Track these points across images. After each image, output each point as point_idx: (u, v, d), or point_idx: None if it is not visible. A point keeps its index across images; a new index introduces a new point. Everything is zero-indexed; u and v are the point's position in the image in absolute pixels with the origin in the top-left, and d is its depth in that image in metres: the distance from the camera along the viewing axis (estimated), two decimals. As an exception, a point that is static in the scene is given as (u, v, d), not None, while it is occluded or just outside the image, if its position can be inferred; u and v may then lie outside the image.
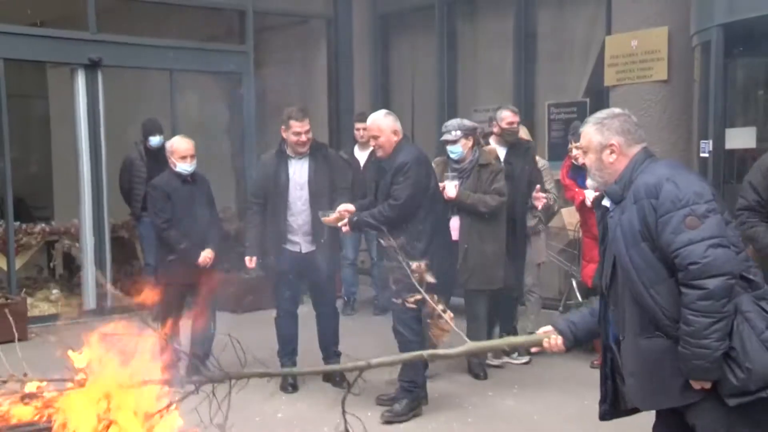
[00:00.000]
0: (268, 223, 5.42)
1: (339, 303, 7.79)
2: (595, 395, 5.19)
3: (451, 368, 5.71)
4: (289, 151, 5.35)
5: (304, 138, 5.26)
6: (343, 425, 2.91)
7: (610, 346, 2.88)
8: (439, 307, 3.21)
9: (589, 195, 5.62)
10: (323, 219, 5.04)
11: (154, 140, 7.28)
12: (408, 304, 3.43)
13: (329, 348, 5.51)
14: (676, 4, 6.43)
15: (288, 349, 5.45)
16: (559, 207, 6.42)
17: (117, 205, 7.82)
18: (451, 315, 3.26)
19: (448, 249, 5.03)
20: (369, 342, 6.02)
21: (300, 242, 5.36)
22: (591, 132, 2.82)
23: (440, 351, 3.13)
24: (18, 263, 7.53)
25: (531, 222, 6.00)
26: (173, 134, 7.87)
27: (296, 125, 5.24)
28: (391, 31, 9.26)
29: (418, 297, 3.27)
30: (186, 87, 8.79)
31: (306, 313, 5.67)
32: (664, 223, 2.56)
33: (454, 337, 3.22)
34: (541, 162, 6.14)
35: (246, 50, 8.42)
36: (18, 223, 7.67)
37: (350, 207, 4.98)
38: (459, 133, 5.43)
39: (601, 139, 2.79)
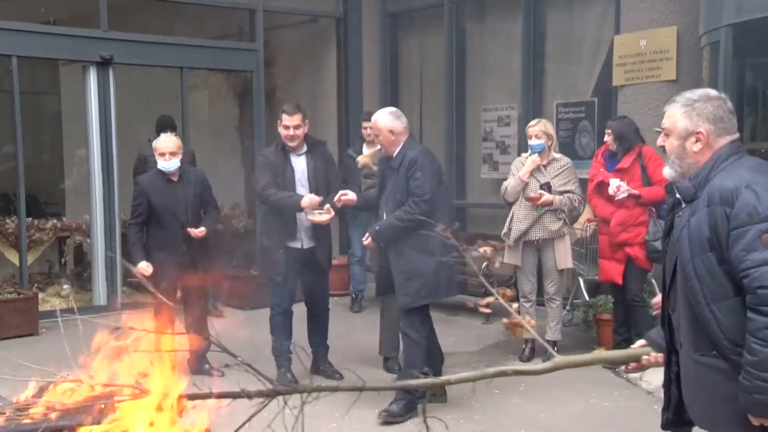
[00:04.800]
0: (273, 219, 5.43)
1: (347, 300, 7.87)
2: (601, 394, 5.22)
3: (461, 366, 5.74)
4: (291, 147, 5.39)
5: (291, 132, 5.29)
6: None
7: (675, 350, 2.58)
8: (514, 306, 2.94)
9: (613, 183, 5.60)
10: (311, 219, 5.17)
11: None
12: (482, 309, 3.15)
13: (319, 342, 5.61)
14: (684, 4, 6.43)
15: (284, 347, 5.48)
16: (583, 208, 6.14)
17: (127, 202, 7.85)
18: (530, 319, 3.00)
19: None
20: (377, 339, 6.05)
21: (302, 238, 5.42)
22: (678, 114, 2.47)
23: (526, 368, 2.97)
24: (30, 259, 7.61)
25: (555, 225, 5.79)
26: (184, 131, 7.97)
27: (285, 119, 5.32)
28: (400, 30, 9.28)
29: (491, 299, 2.98)
30: (196, 84, 8.84)
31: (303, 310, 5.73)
32: (736, 236, 2.26)
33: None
34: (564, 160, 5.91)
35: (256, 48, 8.46)
36: (30, 219, 7.75)
37: (352, 195, 5.01)
38: None
39: (688, 125, 2.44)
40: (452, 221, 5.01)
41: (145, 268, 5.28)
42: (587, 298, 6.65)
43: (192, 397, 2.74)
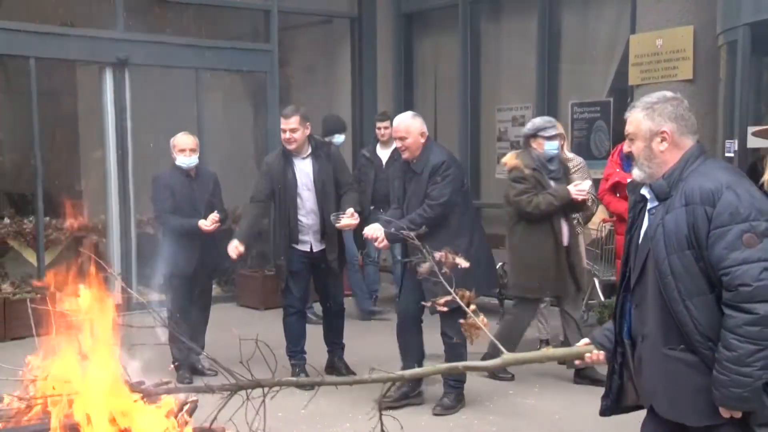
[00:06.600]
0: (277, 223, 5.48)
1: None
2: (617, 395, 5.11)
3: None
4: (293, 151, 5.39)
5: (288, 136, 5.29)
6: (380, 427, 2.90)
7: (623, 341, 2.67)
8: (471, 308, 2.99)
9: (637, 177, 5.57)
10: (336, 225, 5.18)
11: (339, 139, 7.14)
12: (439, 308, 3.20)
13: (334, 342, 5.65)
14: (701, 3, 6.38)
15: (297, 348, 5.53)
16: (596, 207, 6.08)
17: (143, 202, 7.91)
18: (484, 319, 3.06)
19: (486, 246, 5.05)
20: (391, 340, 6.04)
21: (310, 241, 5.43)
22: (639, 117, 2.57)
23: (477, 363, 3.07)
24: (47, 258, 7.67)
25: None
26: (199, 133, 7.99)
27: (282, 122, 5.34)
28: (415, 30, 9.28)
29: (448, 298, 3.06)
30: (211, 85, 8.88)
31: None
32: (718, 236, 2.33)
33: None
34: (577, 160, 5.91)
35: (270, 49, 8.49)
36: (47, 219, 7.81)
37: (352, 221, 5.16)
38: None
39: (652, 126, 2.54)
40: (475, 224, 5.02)
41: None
42: (602, 298, 6.62)
43: (158, 392, 2.79)
